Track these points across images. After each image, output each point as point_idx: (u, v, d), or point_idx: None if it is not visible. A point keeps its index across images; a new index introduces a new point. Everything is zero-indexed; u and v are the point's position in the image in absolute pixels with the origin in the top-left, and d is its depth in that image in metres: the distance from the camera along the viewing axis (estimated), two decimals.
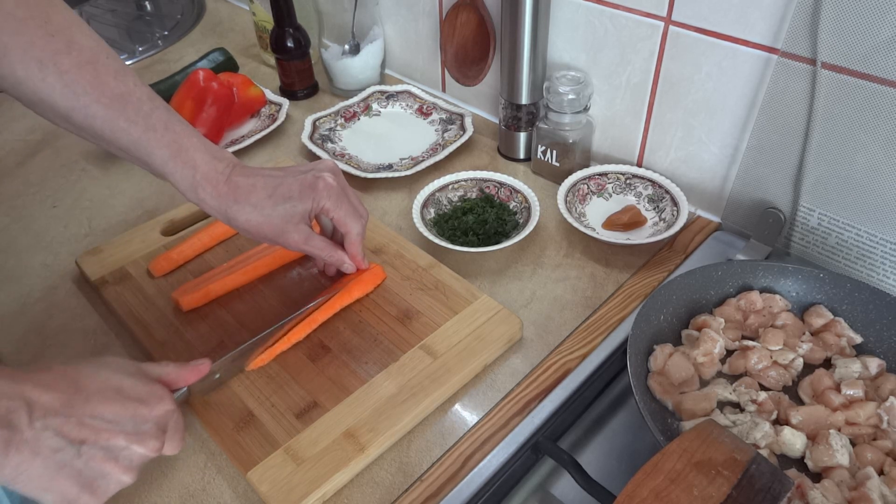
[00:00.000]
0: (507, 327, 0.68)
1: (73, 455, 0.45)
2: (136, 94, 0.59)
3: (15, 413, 0.42)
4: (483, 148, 0.97)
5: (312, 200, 0.63)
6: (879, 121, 0.63)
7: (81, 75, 0.56)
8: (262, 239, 0.64)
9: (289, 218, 0.62)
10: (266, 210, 0.61)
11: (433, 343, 0.67)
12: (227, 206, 0.61)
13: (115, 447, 0.47)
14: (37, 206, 0.90)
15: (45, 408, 0.44)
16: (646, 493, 0.44)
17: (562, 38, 0.86)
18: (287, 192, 0.62)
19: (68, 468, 0.45)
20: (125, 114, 0.58)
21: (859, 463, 0.55)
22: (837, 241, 0.72)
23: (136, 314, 0.71)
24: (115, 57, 0.59)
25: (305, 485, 0.56)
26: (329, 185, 0.63)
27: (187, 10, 1.40)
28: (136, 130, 0.58)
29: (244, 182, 0.61)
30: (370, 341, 0.68)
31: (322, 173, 0.64)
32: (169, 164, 0.60)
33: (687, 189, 0.82)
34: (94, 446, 0.46)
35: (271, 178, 0.63)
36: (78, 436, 0.45)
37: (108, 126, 0.57)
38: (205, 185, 0.60)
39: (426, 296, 0.72)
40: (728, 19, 0.70)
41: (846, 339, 0.64)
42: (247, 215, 0.61)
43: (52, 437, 0.44)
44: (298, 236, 0.63)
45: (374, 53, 1.08)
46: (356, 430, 0.60)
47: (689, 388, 0.61)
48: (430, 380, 0.63)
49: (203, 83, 0.95)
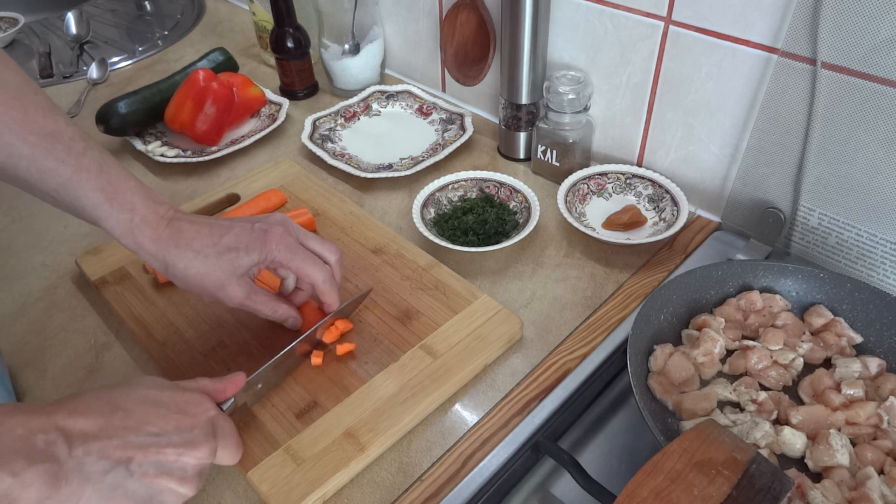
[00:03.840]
0: (507, 327, 0.68)
1: (125, 475, 0.44)
2: (66, 134, 0.55)
3: (54, 445, 0.41)
4: (483, 148, 0.97)
5: (260, 252, 0.59)
6: (879, 120, 0.63)
7: (6, 111, 0.52)
8: (199, 291, 0.59)
9: (233, 270, 0.58)
10: (210, 259, 0.57)
11: (433, 343, 0.67)
12: (167, 251, 0.56)
13: (165, 461, 0.46)
14: (37, 206, 0.90)
15: (84, 434, 0.43)
16: (646, 492, 0.44)
17: (562, 38, 0.86)
18: (234, 241, 0.58)
19: (122, 489, 0.44)
20: (53, 153, 0.53)
21: (859, 463, 0.55)
22: (837, 241, 0.72)
23: (136, 314, 0.71)
24: (43, 94, 0.56)
25: (306, 484, 0.56)
26: (280, 236, 0.60)
27: (187, 10, 1.40)
28: (66, 171, 0.54)
29: (188, 227, 0.57)
30: (370, 341, 0.67)
31: (272, 226, 0.60)
32: (103, 208, 0.55)
33: (687, 189, 0.82)
34: (144, 463, 0.45)
35: (217, 227, 0.59)
36: (124, 455, 0.44)
37: (34, 166, 0.53)
38: (143, 228, 0.56)
39: (426, 296, 0.72)
40: (728, 19, 0.70)
41: (846, 338, 0.64)
42: (186, 262, 0.57)
43: (96, 461, 0.43)
44: (241, 290, 0.59)
45: (374, 53, 1.08)
46: (356, 430, 0.60)
47: (689, 387, 0.61)
48: (430, 379, 0.63)
49: (203, 83, 0.95)
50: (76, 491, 0.42)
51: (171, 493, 0.47)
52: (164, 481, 0.46)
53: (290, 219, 0.63)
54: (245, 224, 0.60)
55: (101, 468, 0.43)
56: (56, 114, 0.55)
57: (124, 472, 0.44)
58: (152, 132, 1.00)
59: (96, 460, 0.43)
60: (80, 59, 1.25)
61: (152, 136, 0.99)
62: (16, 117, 0.53)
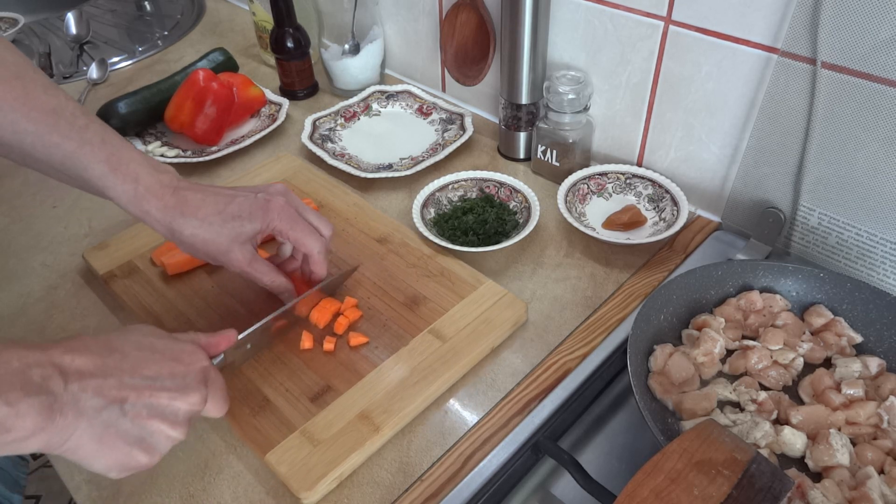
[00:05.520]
0: (513, 311, 0.69)
1: (118, 415, 0.45)
2: (68, 109, 0.57)
3: (50, 379, 0.42)
4: (483, 148, 0.97)
5: (263, 221, 0.62)
6: (879, 120, 0.63)
7: (8, 90, 0.54)
8: (204, 256, 0.62)
9: (236, 237, 0.61)
10: (215, 226, 0.60)
11: (441, 327, 0.68)
12: (173, 218, 0.59)
13: (158, 404, 0.47)
14: (37, 206, 0.90)
15: (80, 371, 0.44)
16: (646, 492, 0.44)
17: (562, 38, 0.86)
18: (237, 210, 0.61)
19: (114, 428, 0.45)
20: (58, 128, 0.56)
21: (859, 462, 0.55)
22: (837, 241, 0.72)
23: (147, 306, 0.72)
24: (41, 72, 0.58)
25: (323, 465, 0.57)
26: (281, 206, 0.62)
27: (187, 10, 1.40)
28: (71, 144, 0.56)
29: (193, 196, 0.60)
30: (379, 327, 0.69)
31: (274, 196, 0.63)
32: (108, 178, 0.58)
33: (687, 189, 0.82)
34: (137, 404, 0.46)
35: (221, 196, 0.61)
36: (118, 395, 0.45)
37: (39, 142, 0.56)
38: (149, 197, 0.59)
39: (432, 282, 0.73)
40: (728, 19, 0.70)
41: (846, 338, 0.64)
42: (193, 229, 0.59)
43: (91, 398, 0.44)
44: (243, 257, 0.62)
45: (374, 53, 1.08)
46: (370, 412, 0.61)
47: (689, 387, 0.61)
48: (440, 362, 0.65)
49: (203, 83, 0.95)
50: (70, 424, 0.43)
51: (162, 435, 0.47)
52: (155, 423, 0.47)
53: (290, 190, 0.66)
54: (248, 193, 0.63)
55: (95, 405, 0.44)
56: (56, 91, 0.58)
57: (118, 412, 0.45)
58: (152, 132, 1.00)
59: (91, 397, 0.44)
60: (80, 59, 1.25)
61: (152, 137, 0.99)
62: (18, 96, 0.55)
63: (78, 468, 0.60)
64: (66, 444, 0.43)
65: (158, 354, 0.49)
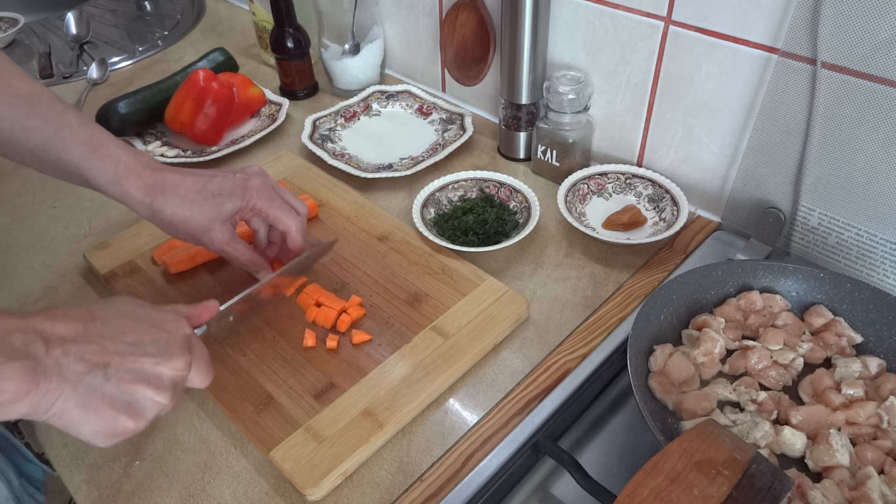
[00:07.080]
0: (514, 307, 0.70)
1: (102, 379, 0.45)
2: (45, 95, 0.58)
3: (32, 344, 0.42)
4: (483, 148, 0.97)
5: (242, 199, 0.63)
6: (880, 120, 0.63)
7: None
8: (184, 236, 0.63)
9: (217, 215, 0.62)
10: (196, 204, 0.61)
11: (443, 324, 0.68)
12: (154, 197, 0.60)
13: (141, 369, 0.47)
14: (37, 206, 0.90)
15: (62, 338, 0.44)
16: (646, 492, 0.44)
17: (562, 38, 0.86)
18: (217, 188, 0.62)
19: (99, 392, 0.45)
20: (36, 113, 0.57)
21: (859, 462, 0.55)
22: (837, 241, 0.72)
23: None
24: (16, 65, 0.59)
25: (328, 461, 0.57)
26: (259, 186, 0.64)
27: (187, 10, 1.40)
28: (49, 128, 0.57)
29: (172, 176, 0.61)
30: (382, 325, 0.69)
31: (252, 176, 0.64)
32: (88, 159, 0.58)
33: (687, 189, 0.82)
34: (121, 369, 0.46)
35: (200, 176, 0.62)
36: (101, 360, 0.45)
37: (17, 127, 0.57)
38: (129, 177, 0.59)
39: (434, 279, 0.73)
40: (728, 19, 0.70)
41: (846, 338, 0.64)
42: (173, 207, 0.60)
43: (74, 362, 0.43)
44: (222, 236, 0.63)
45: (374, 53, 1.08)
46: (374, 409, 0.61)
47: (689, 387, 0.61)
48: (442, 359, 0.65)
49: (203, 83, 0.95)
50: (55, 388, 0.43)
51: (148, 399, 0.47)
52: (140, 388, 0.46)
53: (266, 171, 0.67)
54: (227, 173, 0.64)
55: (78, 370, 0.44)
56: (32, 80, 0.59)
57: (102, 376, 0.45)
58: (152, 132, 1.00)
59: (73, 361, 0.44)
60: (80, 59, 1.25)
61: (152, 137, 0.99)
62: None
63: (78, 468, 0.60)
64: (51, 410, 0.43)
65: (140, 322, 0.49)
